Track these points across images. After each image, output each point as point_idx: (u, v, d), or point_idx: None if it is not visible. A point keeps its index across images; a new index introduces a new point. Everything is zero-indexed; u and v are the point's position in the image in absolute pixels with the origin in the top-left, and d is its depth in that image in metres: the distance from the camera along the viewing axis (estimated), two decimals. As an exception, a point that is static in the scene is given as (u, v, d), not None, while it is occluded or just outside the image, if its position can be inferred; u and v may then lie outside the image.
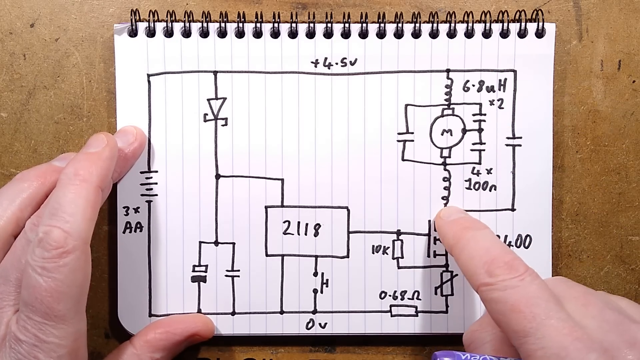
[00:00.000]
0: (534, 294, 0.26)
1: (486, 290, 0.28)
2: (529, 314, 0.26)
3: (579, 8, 0.35)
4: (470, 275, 0.29)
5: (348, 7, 0.35)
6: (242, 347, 0.36)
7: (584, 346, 0.25)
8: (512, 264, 0.28)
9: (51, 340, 0.28)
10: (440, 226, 0.34)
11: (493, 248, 0.29)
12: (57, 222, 0.28)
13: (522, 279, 0.27)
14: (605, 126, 0.36)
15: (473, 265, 0.29)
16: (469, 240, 0.30)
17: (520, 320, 0.26)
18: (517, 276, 0.27)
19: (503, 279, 0.27)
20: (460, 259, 0.30)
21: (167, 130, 0.35)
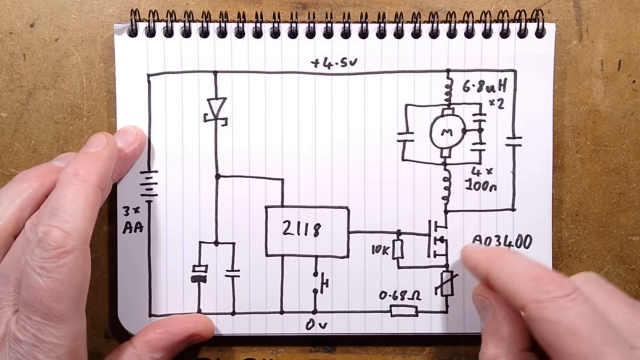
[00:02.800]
0: (589, 317, 0.26)
1: (536, 308, 0.26)
2: (587, 339, 0.25)
3: (579, 8, 0.35)
4: (515, 293, 0.28)
5: (348, 7, 0.35)
6: (242, 347, 0.36)
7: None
8: (561, 282, 0.27)
9: (50, 340, 0.28)
10: (469, 257, 0.32)
11: (537, 265, 0.28)
12: (57, 222, 0.28)
13: (575, 299, 0.26)
14: (605, 126, 0.36)
15: (517, 281, 0.28)
16: (509, 259, 0.29)
17: (577, 345, 0.25)
18: (569, 294, 0.26)
19: (554, 296, 0.26)
20: (500, 278, 0.29)
21: (167, 130, 0.35)
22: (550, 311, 0.26)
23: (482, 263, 0.31)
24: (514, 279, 0.28)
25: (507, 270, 0.29)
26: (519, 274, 0.28)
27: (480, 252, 0.31)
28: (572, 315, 0.26)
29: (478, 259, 0.31)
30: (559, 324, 0.26)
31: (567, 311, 0.26)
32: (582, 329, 0.25)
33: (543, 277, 0.27)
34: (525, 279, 0.27)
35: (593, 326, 0.25)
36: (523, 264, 0.28)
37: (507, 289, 0.28)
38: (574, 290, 0.26)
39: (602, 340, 0.25)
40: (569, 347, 0.25)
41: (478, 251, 0.31)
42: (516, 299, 0.28)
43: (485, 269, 0.30)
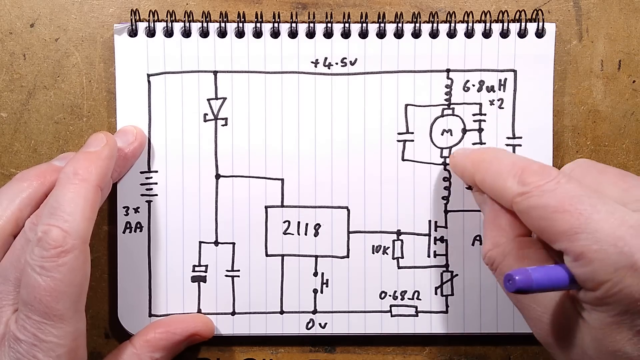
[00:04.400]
0: (574, 192, 0.26)
1: (522, 199, 0.27)
2: (575, 211, 0.25)
3: (579, 8, 0.35)
4: (501, 192, 0.28)
5: (348, 7, 0.35)
6: (242, 347, 0.36)
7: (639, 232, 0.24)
8: (544, 170, 0.27)
9: (50, 340, 0.28)
10: (456, 163, 0.32)
11: (519, 160, 0.28)
12: (56, 221, 0.28)
13: (558, 182, 0.26)
14: (605, 126, 0.36)
15: (502, 180, 0.28)
16: (492, 159, 0.30)
17: (567, 220, 0.25)
18: (552, 180, 0.26)
19: (538, 184, 0.26)
20: (486, 180, 0.29)
21: (167, 130, 0.35)
22: (535, 198, 0.26)
23: (468, 168, 0.31)
24: (499, 179, 0.28)
25: (492, 172, 0.29)
26: (503, 173, 0.28)
27: (466, 157, 0.32)
28: (557, 195, 0.26)
29: (464, 165, 0.32)
30: (546, 207, 0.26)
31: (552, 192, 0.26)
32: (568, 203, 0.25)
33: (525, 170, 0.27)
34: (509, 176, 0.28)
35: (580, 199, 0.25)
36: (505, 162, 0.29)
37: (494, 190, 0.29)
38: (558, 174, 0.27)
39: (590, 210, 0.25)
40: (560, 224, 0.25)
41: (464, 156, 0.32)
42: (504, 197, 0.28)
43: (472, 173, 0.31)
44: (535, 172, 0.27)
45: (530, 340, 0.36)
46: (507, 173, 0.28)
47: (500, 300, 0.35)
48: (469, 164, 0.31)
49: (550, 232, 0.26)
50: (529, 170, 0.27)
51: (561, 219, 0.25)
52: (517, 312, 0.35)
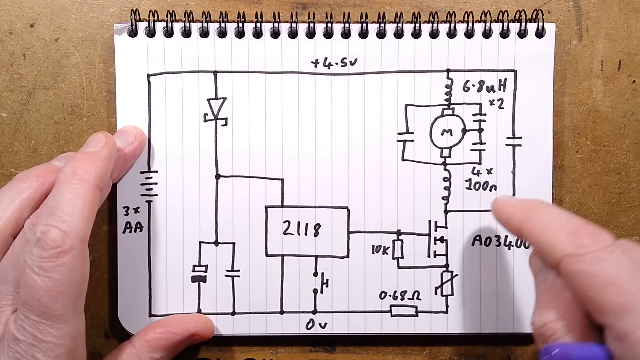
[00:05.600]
0: (628, 267, 0.24)
1: (573, 262, 0.25)
2: (627, 289, 0.24)
3: (579, 8, 0.35)
4: (550, 248, 0.26)
5: (348, 7, 0.35)
6: (242, 347, 0.36)
7: None
8: (599, 235, 0.26)
9: (49, 340, 0.28)
10: (501, 209, 0.30)
11: (573, 218, 0.27)
12: (55, 221, 0.28)
13: (612, 251, 0.25)
14: (605, 126, 0.36)
15: (553, 235, 0.26)
16: (544, 212, 0.28)
17: (617, 295, 0.24)
18: (606, 247, 0.25)
19: (591, 250, 0.25)
20: (534, 232, 0.27)
21: (167, 130, 0.35)
22: (587, 264, 0.25)
23: (516, 215, 0.29)
24: (550, 233, 0.27)
25: (542, 223, 0.27)
26: (555, 228, 0.27)
27: (513, 204, 0.30)
28: (610, 266, 0.25)
29: (511, 212, 0.29)
30: (597, 276, 0.25)
31: (605, 262, 0.25)
32: (621, 278, 0.24)
33: (579, 230, 0.26)
34: (561, 233, 0.26)
35: (633, 275, 0.24)
36: (558, 218, 0.27)
37: (543, 244, 0.27)
38: (612, 242, 0.25)
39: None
40: (609, 298, 0.24)
41: (511, 204, 0.30)
42: (552, 254, 0.26)
43: (520, 222, 0.29)
44: (590, 235, 0.26)
45: (530, 340, 0.36)
46: (560, 229, 0.27)
47: (500, 300, 0.35)
48: (516, 211, 0.29)
49: (597, 304, 0.25)
50: (584, 231, 0.26)
51: (611, 293, 0.24)
52: (517, 312, 0.35)
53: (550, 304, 0.27)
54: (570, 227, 0.26)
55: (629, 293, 0.24)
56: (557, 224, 0.27)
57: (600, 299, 0.24)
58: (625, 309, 0.24)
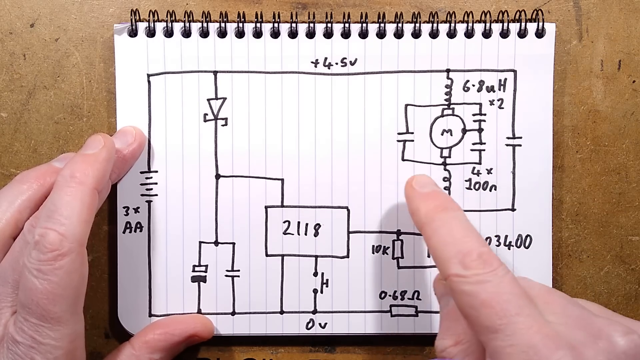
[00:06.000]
0: (505, 289, 0.26)
1: (458, 281, 0.27)
2: (500, 310, 0.25)
3: (579, 8, 0.35)
4: (442, 262, 0.28)
5: (348, 7, 0.35)
6: (242, 347, 0.36)
7: (553, 343, 0.24)
8: (487, 259, 0.27)
9: (47, 342, 0.28)
10: (411, 197, 0.31)
11: (468, 238, 0.28)
12: (53, 224, 0.28)
13: (495, 274, 0.26)
14: (605, 126, 0.36)
15: (446, 252, 0.28)
16: (444, 223, 0.29)
17: (490, 316, 0.25)
18: (491, 271, 0.26)
19: (476, 272, 0.26)
20: (431, 241, 0.29)
21: (167, 130, 0.35)
22: (470, 285, 0.26)
23: (420, 215, 0.30)
24: (444, 247, 0.28)
25: (440, 234, 0.28)
26: (449, 243, 0.28)
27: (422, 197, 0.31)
28: (489, 288, 0.26)
29: (418, 208, 0.30)
30: (476, 297, 0.26)
31: (485, 284, 0.26)
32: (496, 300, 0.25)
33: (470, 252, 0.27)
34: (452, 250, 0.27)
35: (508, 298, 0.25)
36: (456, 232, 0.28)
37: (436, 255, 0.28)
38: (498, 266, 0.27)
39: (515, 311, 0.25)
40: (483, 319, 0.25)
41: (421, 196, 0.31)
42: (442, 268, 0.28)
43: (421, 223, 0.30)
44: (479, 259, 0.27)
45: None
46: (452, 247, 0.28)
47: (500, 300, 0.35)
48: (422, 211, 0.30)
49: (474, 323, 0.26)
50: (474, 253, 0.27)
51: (486, 313, 0.25)
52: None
53: (450, 329, 0.29)
54: (462, 247, 0.27)
55: (500, 314, 0.25)
56: (451, 240, 0.28)
57: (477, 319, 0.26)
58: (496, 329, 0.25)
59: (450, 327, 0.29)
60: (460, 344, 0.28)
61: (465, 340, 0.28)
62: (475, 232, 0.28)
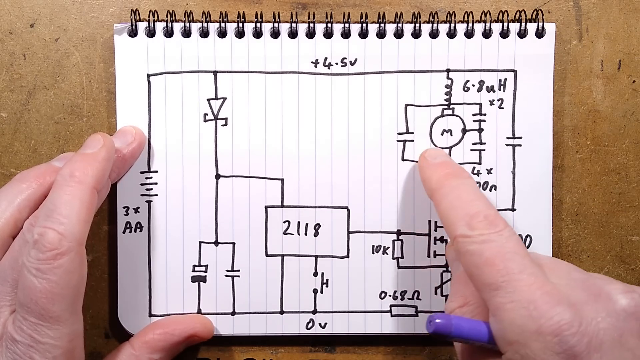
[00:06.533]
0: (510, 248, 0.27)
1: (463, 241, 0.28)
2: (503, 268, 0.26)
3: (579, 8, 0.35)
4: (449, 224, 0.29)
5: (348, 7, 0.35)
6: (242, 347, 0.36)
7: (552, 299, 0.25)
8: (493, 220, 0.28)
9: (46, 341, 0.28)
10: (424, 167, 0.33)
11: (476, 201, 0.29)
12: (52, 223, 0.28)
13: (501, 234, 0.27)
14: (605, 126, 0.36)
15: (453, 215, 0.29)
16: (453, 188, 0.30)
17: (493, 274, 0.26)
18: (497, 231, 0.27)
19: (482, 232, 0.27)
20: (440, 206, 0.30)
21: (167, 130, 0.35)
22: (475, 245, 0.27)
23: (432, 181, 0.32)
24: (452, 211, 0.29)
25: (449, 199, 0.30)
26: (457, 207, 0.29)
27: (433, 166, 0.32)
28: (493, 247, 0.27)
29: (430, 176, 0.32)
30: (480, 255, 0.27)
31: (489, 244, 0.27)
32: (500, 259, 0.26)
33: (477, 214, 0.28)
34: (460, 213, 0.28)
35: (511, 257, 0.26)
36: (463, 197, 0.29)
37: (444, 219, 0.29)
38: (504, 227, 0.27)
39: (518, 269, 0.26)
40: (486, 277, 0.26)
41: (433, 165, 0.33)
42: (450, 230, 0.29)
43: (432, 189, 0.31)
44: (485, 220, 0.28)
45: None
46: (460, 210, 0.29)
47: (500, 300, 0.35)
48: (434, 179, 0.32)
49: (478, 281, 0.27)
50: (480, 215, 0.28)
51: (489, 271, 0.26)
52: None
53: (459, 291, 0.29)
54: (469, 209, 0.28)
55: (503, 272, 0.26)
56: (459, 204, 0.29)
57: (480, 277, 0.26)
58: (498, 285, 0.26)
59: (458, 290, 0.29)
60: (467, 305, 0.29)
61: (472, 302, 0.29)
62: (484, 197, 0.29)
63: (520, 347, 0.25)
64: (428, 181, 0.32)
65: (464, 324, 0.27)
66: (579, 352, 0.24)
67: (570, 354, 0.24)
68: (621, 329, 0.25)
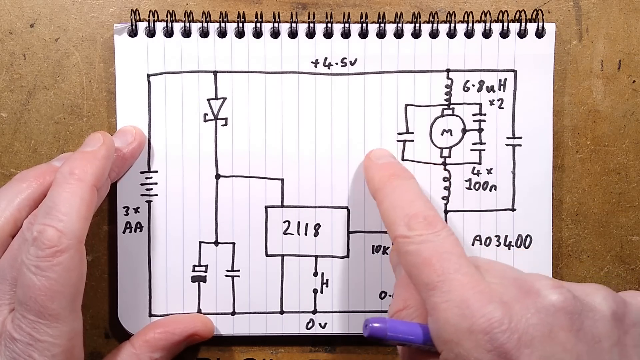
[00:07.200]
0: (446, 249, 0.27)
1: (403, 242, 0.28)
2: (439, 268, 0.26)
3: (579, 8, 0.35)
4: (390, 224, 0.29)
5: (348, 7, 0.35)
6: (242, 347, 0.36)
7: (484, 298, 0.25)
8: (432, 221, 0.28)
9: (45, 339, 0.28)
10: (368, 167, 0.33)
11: (416, 202, 0.29)
12: (52, 221, 0.28)
13: (438, 234, 0.27)
14: (605, 126, 0.36)
15: (394, 215, 0.29)
16: (395, 188, 0.31)
17: (430, 274, 0.26)
18: (434, 232, 0.28)
19: (420, 233, 0.28)
20: (382, 206, 0.31)
21: (167, 130, 0.35)
22: (413, 246, 0.27)
23: (374, 182, 0.32)
24: (392, 211, 0.29)
25: (390, 200, 0.30)
26: (398, 207, 0.29)
27: (377, 167, 0.33)
28: (430, 247, 0.27)
29: (373, 176, 0.33)
30: (419, 255, 0.27)
31: (427, 244, 0.27)
32: (437, 259, 0.26)
33: (417, 215, 0.28)
34: (400, 214, 0.29)
35: (448, 257, 0.26)
36: (405, 197, 0.30)
37: (385, 219, 0.30)
38: (442, 228, 0.28)
39: (453, 269, 0.26)
40: (423, 277, 0.26)
41: (377, 166, 0.33)
42: (390, 230, 0.29)
43: (374, 189, 0.32)
44: (424, 221, 0.28)
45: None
46: (400, 210, 0.29)
47: (500, 300, 0.35)
48: (377, 179, 0.32)
49: (416, 281, 0.27)
50: (419, 216, 0.28)
51: (426, 271, 0.26)
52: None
53: (400, 295, 0.29)
54: (409, 210, 0.29)
55: (440, 271, 0.26)
56: (400, 204, 0.29)
57: (418, 277, 0.27)
58: (434, 285, 0.26)
59: (400, 294, 0.29)
60: (406, 309, 0.29)
61: (412, 305, 0.29)
62: (424, 198, 0.30)
63: (454, 345, 0.25)
64: (371, 181, 0.32)
65: (399, 327, 0.27)
66: (509, 348, 0.24)
67: (501, 351, 0.24)
68: (550, 324, 0.25)
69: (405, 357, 0.29)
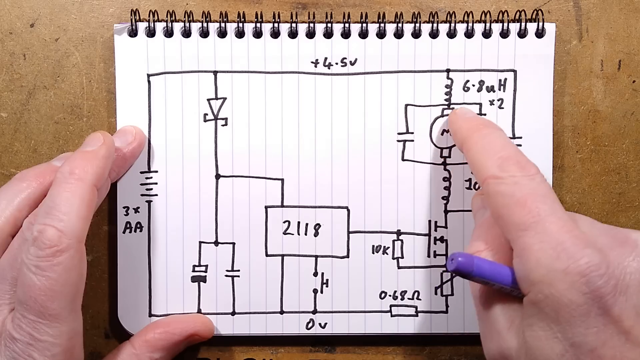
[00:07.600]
0: (542, 192, 0.27)
1: (494, 182, 0.28)
2: (535, 208, 0.26)
3: (579, 8, 0.35)
4: (480, 167, 0.29)
5: (348, 7, 0.35)
6: (242, 347, 0.36)
7: (580, 242, 0.25)
8: (525, 165, 0.28)
9: (45, 339, 0.28)
10: (454, 121, 0.33)
11: (508, 147, 0.29)
12: (52, 220, 0.28)
13: (533, 178, 0.27)
14: (605, 126, 0.36)
15: (485, 157, 0.29)
16: (485, 135, 0.30)
17: (523, 214, 0.26)
18: (529, 175, 0.27)
19: (513, 174, 0.27)
20: (472, 150, 0.30)
21: (167, 130, 0.35)
22: (506, 186, 0.27)
23: (462, 131, 0.32)
24: (484, 154, 0.29)
25: (481, 145, 0.30)
26: (489, 151, 0.29)
27: (464, 120, 0.33)
28: (524, 189, 0.27)
29: (461, 126, 0.32)
30: (512, 196, 0.27)
31: (521, 186, 0.27)
32: (531, 200, 0.26)
33: (510, 157, 0.28)
34: (492, 156, 0.29)
35: (543, 200, 0.26)
36: (497, 142, 0.30)
37: (475, 162, 0.30)
38: (536, 172, 0.28)
39: (548, 211, 0.26)
40: (516, 217, 0.26)
41: (463, 119, 0.33)
42: (480, 172, 0.29)
43: (463, 137, 0.32)
44: (517, 164, 0.28)
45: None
46: (492, 153, 0.29)
47: (500, 300, 0.35)
48: (464, 128, 0.32)
49: (506, 221, 0.27)
50: (512, 159, 0.28)
51: (519, 212, 0.26)
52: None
53: (482, 236, 0.29)
54: (502, 153, 0.29)
55: (534, 213, 0.26)
56: (492, 148, 0.29)
57: (509, 217, 0.26)
58: (527, 226, 0.26)
59: (480, 235, 0.29)
60: (487, 250, 0.28)
61: (492, 247, 0.28)
62: (515, 146, 0.30)
63: (544, 286, 0.25)
64: (459, 131, 0.32)
65: (485, 265, 0.27)
66: (605, 293, 0.24)
67: (597, 294, 0.24)
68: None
69: (484, 299, 0.28)
